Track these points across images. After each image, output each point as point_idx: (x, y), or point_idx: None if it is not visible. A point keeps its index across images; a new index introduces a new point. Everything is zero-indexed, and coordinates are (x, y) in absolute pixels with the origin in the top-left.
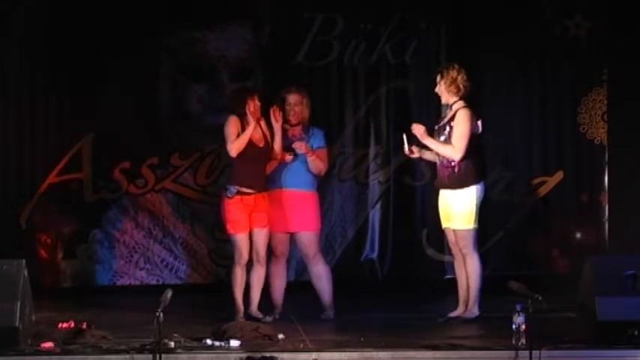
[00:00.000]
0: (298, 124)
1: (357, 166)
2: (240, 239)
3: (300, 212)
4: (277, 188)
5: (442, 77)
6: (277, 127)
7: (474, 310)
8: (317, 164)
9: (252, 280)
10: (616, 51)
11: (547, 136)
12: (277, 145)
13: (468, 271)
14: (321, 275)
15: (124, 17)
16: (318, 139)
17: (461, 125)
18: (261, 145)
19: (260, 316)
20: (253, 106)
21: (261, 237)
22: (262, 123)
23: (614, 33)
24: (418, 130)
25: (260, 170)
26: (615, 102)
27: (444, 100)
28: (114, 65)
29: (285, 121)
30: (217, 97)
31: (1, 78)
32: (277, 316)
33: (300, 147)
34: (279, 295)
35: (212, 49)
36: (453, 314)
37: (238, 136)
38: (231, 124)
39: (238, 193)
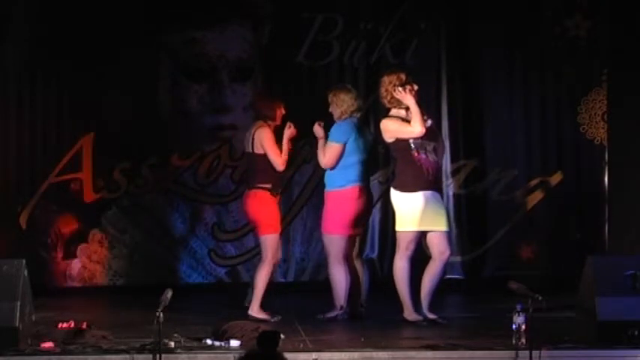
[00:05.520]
0: None
1: None
2: (276, 239)
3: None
4: None
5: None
6: (287, 140)
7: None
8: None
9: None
10: (616, 51)
11: (547, 136)
12: (285, 151)
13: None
14: (332, 278)
15: (124, 17)
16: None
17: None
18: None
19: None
20: (279, 113)
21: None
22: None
23: (614, 33)
24: (401, 94)
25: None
26: (615, 102)
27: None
28: (114, 65)
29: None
30: (217, 97)
31: (1, 77)
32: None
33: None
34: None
35: (212, 49)
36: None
37: None
38: (270, 138)
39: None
